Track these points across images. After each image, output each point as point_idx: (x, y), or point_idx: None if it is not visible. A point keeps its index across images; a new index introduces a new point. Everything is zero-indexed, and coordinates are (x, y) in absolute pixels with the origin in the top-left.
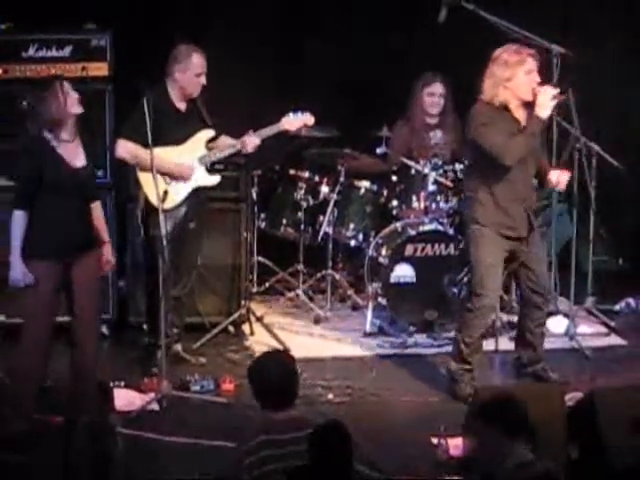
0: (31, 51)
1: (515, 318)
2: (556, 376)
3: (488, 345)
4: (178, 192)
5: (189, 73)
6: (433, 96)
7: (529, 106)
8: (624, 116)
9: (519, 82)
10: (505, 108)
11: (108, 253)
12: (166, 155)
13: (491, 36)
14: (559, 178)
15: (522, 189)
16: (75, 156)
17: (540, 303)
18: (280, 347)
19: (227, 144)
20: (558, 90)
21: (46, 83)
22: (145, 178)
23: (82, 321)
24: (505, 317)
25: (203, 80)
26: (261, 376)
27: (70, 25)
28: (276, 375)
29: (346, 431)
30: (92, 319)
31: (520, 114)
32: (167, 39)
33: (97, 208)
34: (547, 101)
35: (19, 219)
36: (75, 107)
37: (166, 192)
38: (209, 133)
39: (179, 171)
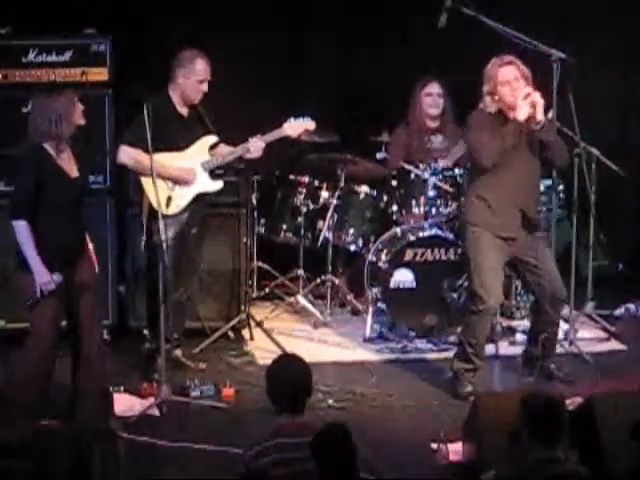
0: (31, 56)
1: (514, 323)
2: (563, 375)
3: (488, 350)
4: (182, 197)
5: (192, 79)
6: (431, 96)
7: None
8: (624, 120)
9: (501, 94)
10: (503, 116)
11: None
12: (169, 161)
13: (491, 40)
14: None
15: (513, 192)
16: (71, 167)
17: (549, 308)
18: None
19: (230, 149)
20: (528, 90)
21: (57, 91)
22: (148, 184)
23: (84, 326)
24: (505, 322)
25: (205, 88)
26: (280, 380)
27: (70, 30)
28: (294, 379)
29: (349, 434)
30: (93, 323)
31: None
32: (167, 44)
33: None
34: (520, 102)
35: (25, 229)
36: (80, 118)
37: (170, 198)
38: (212, 138)
39: (180, 175)
